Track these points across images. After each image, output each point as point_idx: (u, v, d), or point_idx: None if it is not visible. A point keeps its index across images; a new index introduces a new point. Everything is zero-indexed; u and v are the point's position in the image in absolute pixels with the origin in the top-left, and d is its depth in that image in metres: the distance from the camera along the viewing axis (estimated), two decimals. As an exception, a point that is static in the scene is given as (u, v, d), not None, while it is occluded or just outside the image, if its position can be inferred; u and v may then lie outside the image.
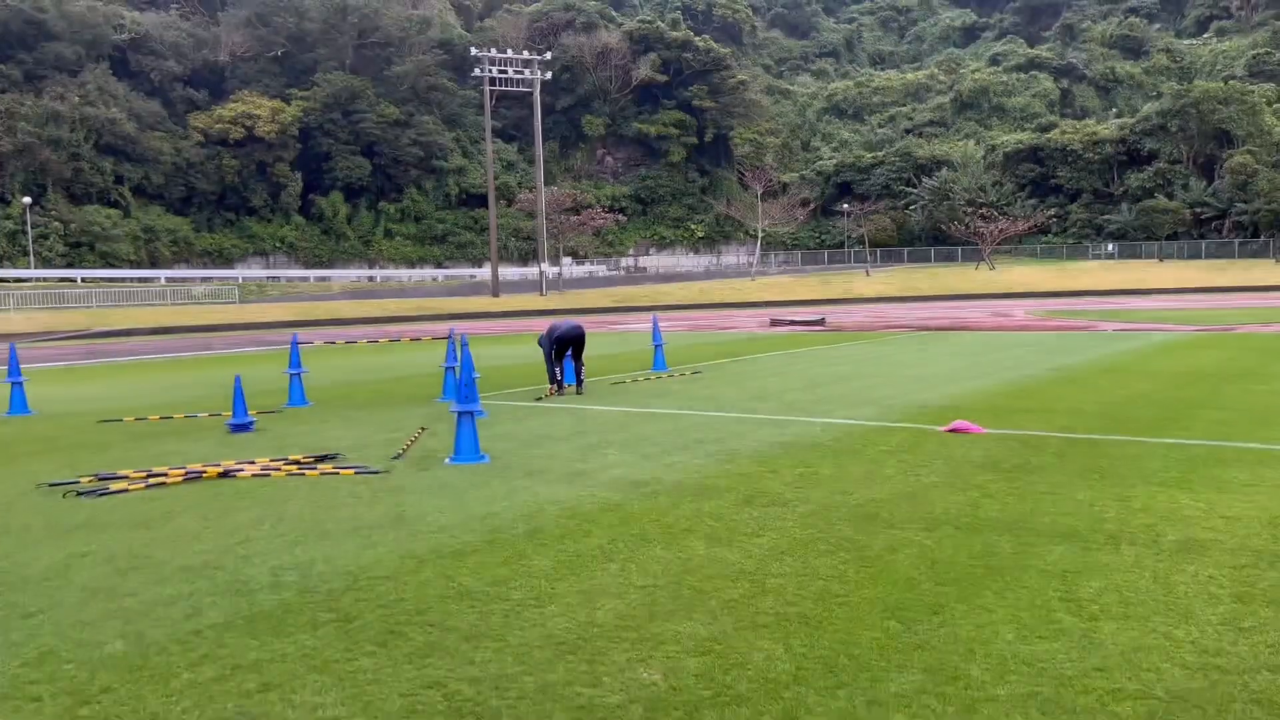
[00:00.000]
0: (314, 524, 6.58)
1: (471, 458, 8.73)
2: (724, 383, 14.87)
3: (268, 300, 52.88)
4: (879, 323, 33.42)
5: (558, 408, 12.44)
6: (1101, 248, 74.62)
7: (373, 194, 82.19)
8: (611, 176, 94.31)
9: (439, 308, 50.96)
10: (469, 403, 8.74)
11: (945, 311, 41.12)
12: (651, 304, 53.57)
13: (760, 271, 73.12)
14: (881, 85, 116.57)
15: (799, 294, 57.86)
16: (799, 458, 8.43)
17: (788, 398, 12.71)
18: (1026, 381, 13.96)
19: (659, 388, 14.47)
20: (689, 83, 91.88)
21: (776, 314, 42.91)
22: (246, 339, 34.49)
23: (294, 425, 11.57)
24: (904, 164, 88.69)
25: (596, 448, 9.28)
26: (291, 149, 76.51)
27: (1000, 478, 7.40)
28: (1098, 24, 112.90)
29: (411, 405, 13.25)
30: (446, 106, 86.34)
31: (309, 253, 78.29)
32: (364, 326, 42.89)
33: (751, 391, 13.57)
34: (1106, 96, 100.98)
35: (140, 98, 71.93)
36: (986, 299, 53.84)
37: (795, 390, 13.55)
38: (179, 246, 70.63)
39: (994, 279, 61.83)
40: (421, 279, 75.86)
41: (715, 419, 10.97)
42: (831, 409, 11.49)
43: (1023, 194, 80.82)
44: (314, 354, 23.82)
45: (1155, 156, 75.74)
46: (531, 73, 55.50)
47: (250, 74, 80.00)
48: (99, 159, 66.22)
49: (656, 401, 12.78)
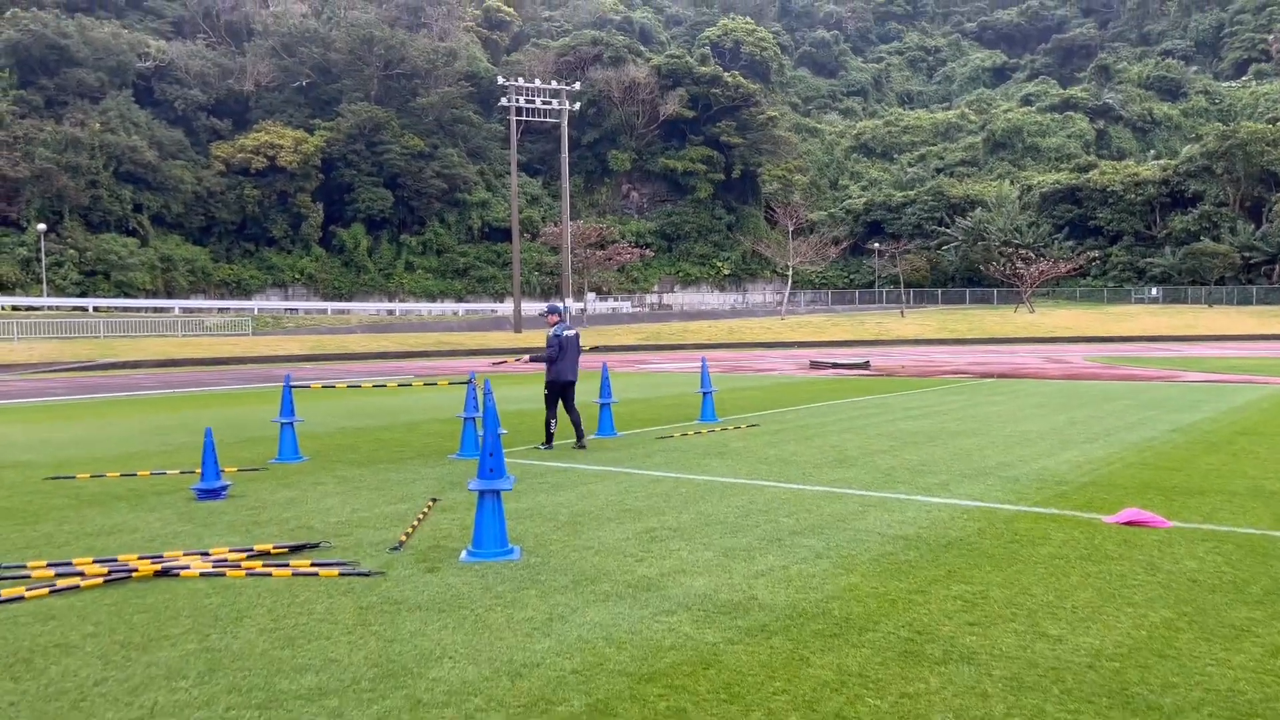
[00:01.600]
0: (262, 677, 4.39)
1: (496, 552, 6.53)
2: (791, 439, 12.63)
3: (282, 333, 51.11)
4: (929, 367, 31.08)
5: (595, 471, 10.22)
6: (1144, 291, 72.00)
7: (395, 226, 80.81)
8: (637, 212, 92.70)
9: (459, 343, 49.02)
10: (494, 478, 6.55)
11: (994, 357, 38.75)
12: (679, 342, 51.46)
13: (790, 310, 70.93)
14: (911, 124, 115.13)
15: (832, 334, 55.59)
16: (944, 564, 6.18)
17: (879, 463, 10.44)
18: (1154, 445, 11.64)
19: (715, 444, 12.24)
20: (717, 119, 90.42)
21: (814, 355, 40.68)
22: (255, 374, 32.54)
23: (277, 490, 9.40)
24: (936, 203, 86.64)
25: (657, 536, 7.06)
26: (314, 179, 75.33)
27: (1265, 612, 5.13)
28: (1133, 65, 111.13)
29: (423, 463, 11.08)
30: (471, 139, 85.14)
31: (329, 285, 76.80)
32: (379, 361, 40.95)
33: (829, 452, 11.32)
34: (1144, 138, 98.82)
35: (163, 126, 70.98)
36: (1032, 343, 51.37)
37: (882, 452, 11.29)
38: (196, 277, 69.24)
39: (1035, 322, 59.34)
40: (442, 313, 74.14)
41: (800, 494, 8.73)
42: (943, 481, 9.23)
43: (1060, 235, 78.44)
44: (318, 395, 21.75)
45: (1200, 199, 73.25)
46: (560, 103, 53.93)
47: (275, 104, 79.12)
48: (118, 187, 65.06)
49: (717, 464, 10.55)
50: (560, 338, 12.12)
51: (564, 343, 12.10)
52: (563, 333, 12.16)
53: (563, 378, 12.10)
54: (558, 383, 12.14)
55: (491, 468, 6.55)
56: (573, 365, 12.20)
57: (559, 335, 12.12)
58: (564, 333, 12.17)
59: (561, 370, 12.08)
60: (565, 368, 12.07)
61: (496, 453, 6.59)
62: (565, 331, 12.20)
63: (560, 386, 12.17)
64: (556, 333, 12.17)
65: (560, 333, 12.16)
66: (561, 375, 12.09)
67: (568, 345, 12.14)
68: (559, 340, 12.09)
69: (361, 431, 14.46)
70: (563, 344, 12.08)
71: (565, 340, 12.12)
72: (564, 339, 12.11)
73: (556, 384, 12.16)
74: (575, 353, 12.26)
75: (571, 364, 12.17)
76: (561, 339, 12.11)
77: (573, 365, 12.20)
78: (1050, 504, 8.11)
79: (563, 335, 12.14)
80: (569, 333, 12.26)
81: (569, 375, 12.12)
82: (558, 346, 12.08)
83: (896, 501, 8.30)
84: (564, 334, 12.15)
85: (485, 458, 6.59)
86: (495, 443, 6.60)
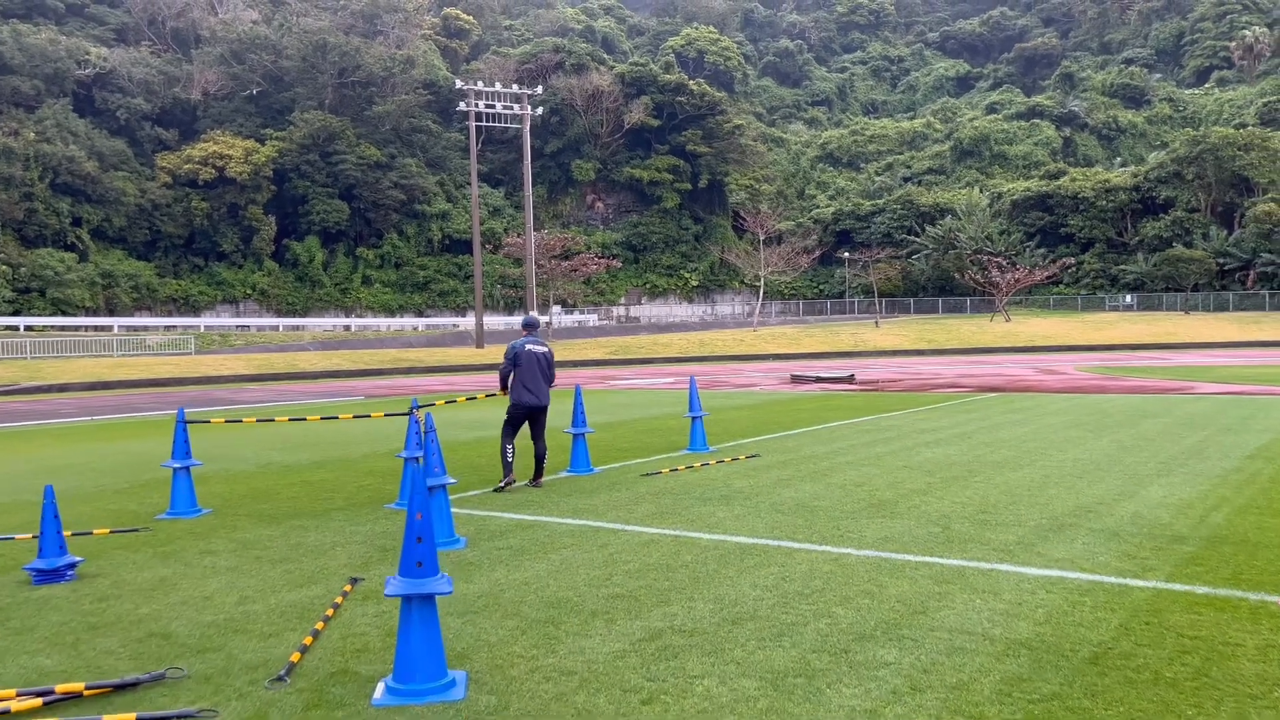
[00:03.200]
0: None
1: (428, 688, 4.31)
2: (803, 474, 10.49)
3: (228, 351, 48.27)
4: (918, 380, 29.17)
5: (571, 527, 8.01)
6: (1119, 299, 71.00)
7: (351, 239, 78.00)
8: (602, 223, 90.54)
9: (417, 359, 46.52)
10: (423, 577, 4.32)
11: (982, 368, 37.02)
12: (649, 356, 49.35)
13: (761, 322, 69.08)
14: (877, 134, 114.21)
15: (807, 346, 53.75)
16: (1110, 698, 4.04)
17: (927, 509, 8.33)
18: (1244, 478, 9.65)
19: (714, 483, 10.06)
20: (682, 127, 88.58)
21: (792, 367, 38.71)
22: (192, 397, 29.89)
23: (148, 564, 7.09)
24: (906, 211, 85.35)
25: (667, 647, 4.87)
26: (265, 191, 72.36)
27: None
28: (1097, 74, 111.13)
29: (352, 516, 8.80)
30: (430, 149, 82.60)
31: (282, 301, 73.77)
32: (331, 380, 38.36)
33: (857, 494, 9.19)
34: (1110, 145, 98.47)
35: (104, 136, 67.77)
36: (1012, 353, 49.85)
37: (921, 493, 9.18)
38: (141, 293, 65.98)
39: (1012, 331, 57.94)
40: (401, 328, 71.42)
41: (844, 562, 6.58)
42: (1021, 538, 7.12)
43: (1031, 243, 77.38)
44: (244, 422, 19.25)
45: (1172, 205, 72.48)
46: (521, 108, 51.64)
47: (224, 113, 76.14)
48: (55, 199, 61.77)
49: (723, 514, 8.38)
50: (516, 351, 10.08)
51: (520, 357, 10.05)
52: (522, 347, 10.12)
53: (521, 401, 10.03)
54: (518, 406, 10.07)
55: (420, 560, 4.33)
56: (536, 386, 10.08)
57: (514, 348, 10.11)
58: (524, 347, 10.12)
59: (518, 392, 10.04)
60: (522, 389, 10.02)
61: (428, 538, 4.35)
62: (526, 345, 10.15)
63: (521, 412, 10.09)
64: (514, 345, 10.16)
65: (518, 346, 10.13)
66: (519, 398, 10.03)
67: (525, 361, 10.06)
68: (513, 354, 10.07)
69: (288, 470, 12.10)
70: (517, 358, 10.04)
71: (522, 355, 10.06)
72: (519, 353, 10.06)
73: (515, 408, 10.08)
74: (539, 372, 10.14)
75: (534, 384, 10.06)
76: (517, 352, 10.07)
77: (536, 386, 10.08)
78: (1188, 576, 6.02)
79: (520, 349, 10.10)
80: (531, 348, 10.16)
81: (528, 398, 10.03)
82: (510, 362, 10.08)
83: (979, 573, 6.17)
84: (523, 348, 10.11)
85: (411, 545, 4.36)
86: (426, 524, 4.37)
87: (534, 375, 10.08)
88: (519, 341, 10.21)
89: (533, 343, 10.22)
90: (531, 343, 10.21)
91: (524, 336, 10.32)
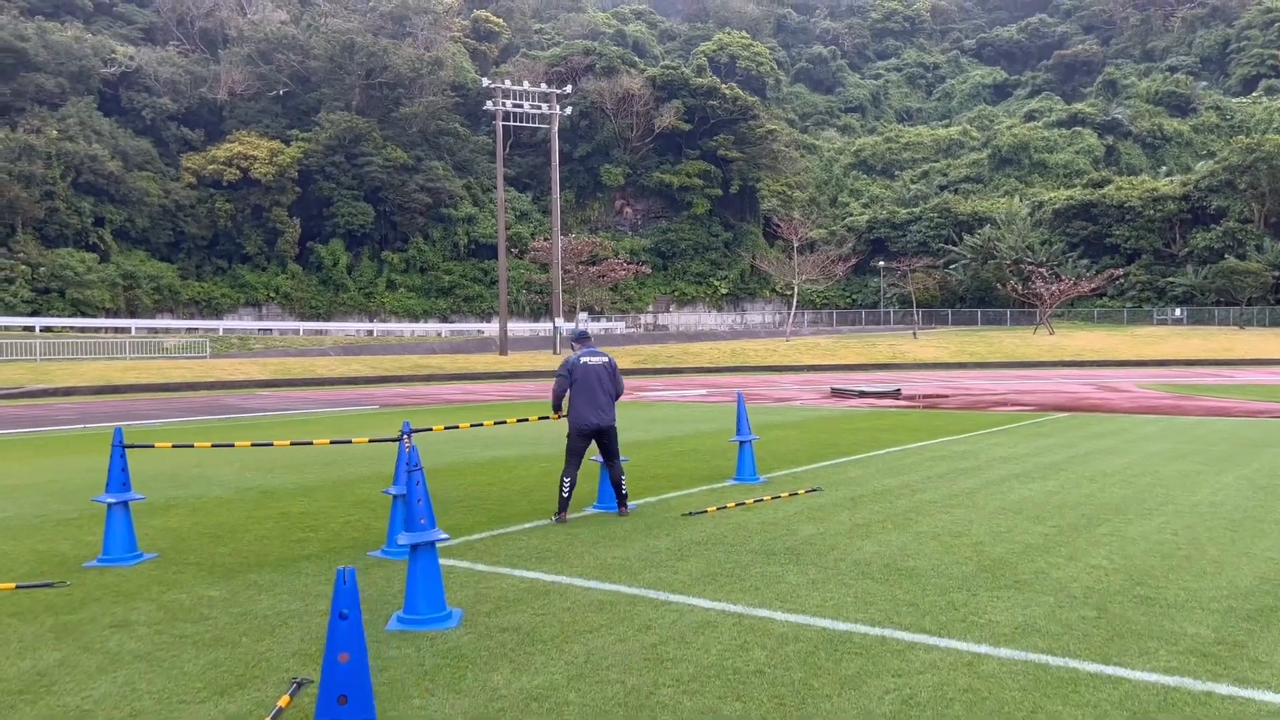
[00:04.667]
0: None
1: None
2: (881, 518, 8.60)
3: (246, 355, 46.89)
4: (968, 396, 27.11)
5: (597, 594, 6.16)
6: (1166, 312, 68.27)
7: (376, 242, 76.73)
8: (630, 229, 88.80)
9: (438, 366, 44.93)
10: None
11: (1034, 384, 34.85)
12: (679, 365, 47.51)
13: (794, 332, 67.00)
14: (911, 141, 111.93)
15: (842, 357, 51.70)
16: None
17: (1064, 579, 6.40)
18: None
19: (774, 529, 8.18)
20: (714, 132, 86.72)
21: (829, 379, 36.72)
22: (200, 403, 28.39)
23: (31, 646, 5.31)
24: (943, 220, 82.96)
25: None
26: (290, 193, 71.20)
27: None
28: (1141, 81, 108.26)
29: (324, 567, 7.01)
30: (458, 152, 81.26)
31: (305, 304, 72.56)
32: (347, 388, 36.82)
33: (956, 549, 7.28)
34: (1154, 154, 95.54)
35: (129, 135, 66.84)
36: (1061, 367, 47.53)
37: (1041, 549, 7.25)
38: (162, 295, 64.90)
39: (1057, 344, 55.52)
40: (425, 334, 69.98)
41: (981, 670, 4.68)
42: (1223, 637, 5.19)
43: (1074, 253, 74.76)
44: (237, 430, 17.55)
45: (1223, 215, 69.66)
46: (550, 108, 50.01)
47: (250, 114, 75.15)
48: (77, 198, 60.81)
49: (795, 577, 6.51)
50: (570, 366, 8.78)
51: (575, 372, 8.74)
52: (578, 361, 8.80)
53: (584, 423, 8.70)
54: (579, 430, 8.77)
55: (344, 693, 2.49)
56: (597, 404, 8.75)
57: (570, 364, 8.82)
58: (580, 360, 8.80)
59: (577, 412, 8.72)
60: (584, 406, 8.70)
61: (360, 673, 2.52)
62: (583, 358, 8.82)
63: (583, 436, 8.79)
64: (569, 360, 8.86)
65: (573, 361, 8.82)
66: (579, 419, 8.72)
67: (583, 376, 8.74)
68: (568, 370, 8.78)
69: (266, 498, 10.34)
70: (573, 373, 8.74)
71: (578, 369, 8.75)
72: (575, 367, 8.77)
73: (576, 432, 8.79)
74: (600, 387, 8.81)
75: (595, 402, 8.74)
76: (572, 367, 8.77)
77: (597, 404, 8.75)
78: None
79: (576, 363, 8.79)
80: (589, 360, 8.82)
81: (590, 419, 8.72)
82: (565, 379, 8.77)
83: (1191, 699, 4.25)
84: (578, 362, 8.79)
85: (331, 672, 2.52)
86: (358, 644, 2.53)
87: (595, 392, 8.76)
88: (574, 355, 8.87)
89: (590, 354, 8.84)
90: (589, 355, 8.83)
91: (580, 350, 8.95)
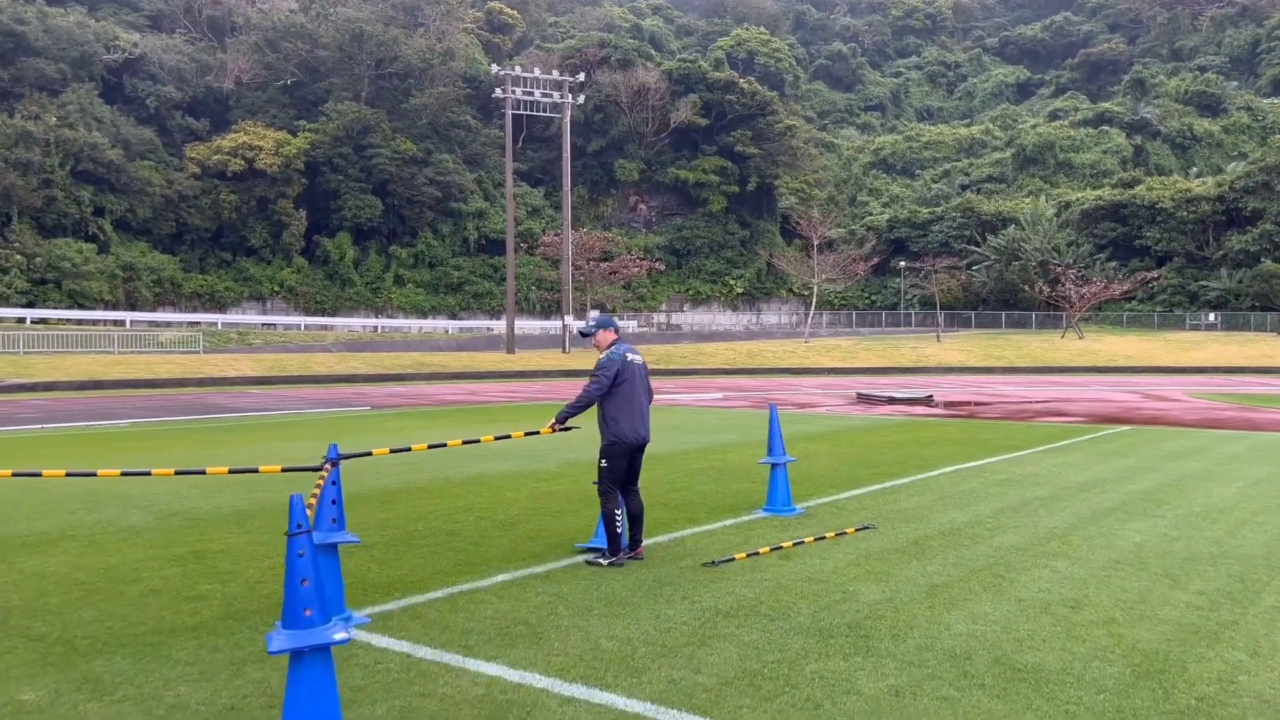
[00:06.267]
0: None
1: None
2: (963, 575, 6.57)
3: (242, 351, 45.13)
4: (1007, 404, 24.99)
5: (579, 708, 4.14)
6: (1200, 317, 65.81)
7: (384, 236, 74.94)
8: (644, 226, 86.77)
9: (441, 364, 43.05)
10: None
11: (1071, 391, 32.66)
12: (693, 367, 45.50)
13: (812, 333, 64.87)
14: (932, 140, 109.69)
15: (864, 360, 49.56)
16: None
17: (1261, 693, 4.38)
18: None
19: (823, 589, 6.15)
20: (731, 127, 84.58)
21: (852, 384, 34.63)
22: (183, 402, 26.55)
23: None
24: (966, 220, 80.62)
25: None
26: (296, 185, 69.42)
27: None
28: (1170, 80, 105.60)
29: (198, 652, 5.01)
30: (469, 145, 79.41)
31: (310, 299, 70.81)
32: (344, 386, 34.95)
33: (1084, 633, 5.26)
34: (1184, 155, 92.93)
35: (131, 124, 65.23)
36: (1094, 373, 45.28)
37: (1204, 634, 5.23)
38: (163, 288, 63.25)
39: (1088, 349, 53.24)
40: (432, 330, 68.17)
41: None
42: None
43: (1102, 255, 72.32)
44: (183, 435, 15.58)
45: (1260, 216, 67.08)
46: (561, 96, 48.08)
47: (257, 104, 73.51)
48: (76, 187, 59.18)
49: (870, 686, 4.50)
50: (618, 363, 6.56)
51: (623, 373, 6.56)
52: (622, 356, 6.60)
53: (633, 433, 6.54)
54: (623, 445, 6.54)
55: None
56: (643, 411, 6.65)
57: (615, 360, 6.57)
58: (625, 356, 6.62)
59: (628, 419, 6.52)
60: (634, 415, 6.55)
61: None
62: (628, 355, 6.66)
63: (627, 453, 6.59)
64: (612, 355, 6.61)
65: (618, 357, 6.59)
66: (623, 432, 6.52)
67: (630, 377, 6.59)
68: (614, 368, 6.53)
69: (190, 526, 8.36)
70: (619, 375, 6.55)
71: (625, 370, 6.58)
72: (625, 366, 6.58)
73: (621, 447, 6.55)
74: (646, 391, 6.76)
75: (641, 409, 6.63)
76: (620, 368, 6.55)
77: (643, 411, 6.65)
78: None
79: (621, 360, 6.58)
80: (634, 358, 6.69)
81: (641, 428, 6.60)
82: (609, 378, 6.51)
83: None
84: (624, 358, 6.61)
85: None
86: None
87: (641, 398, 6.65)
88: (618, 350, 6.61)
89: (631, 351, 6.71)
90: (631, 351, 6.71)
91: (616, 342, 6.74)
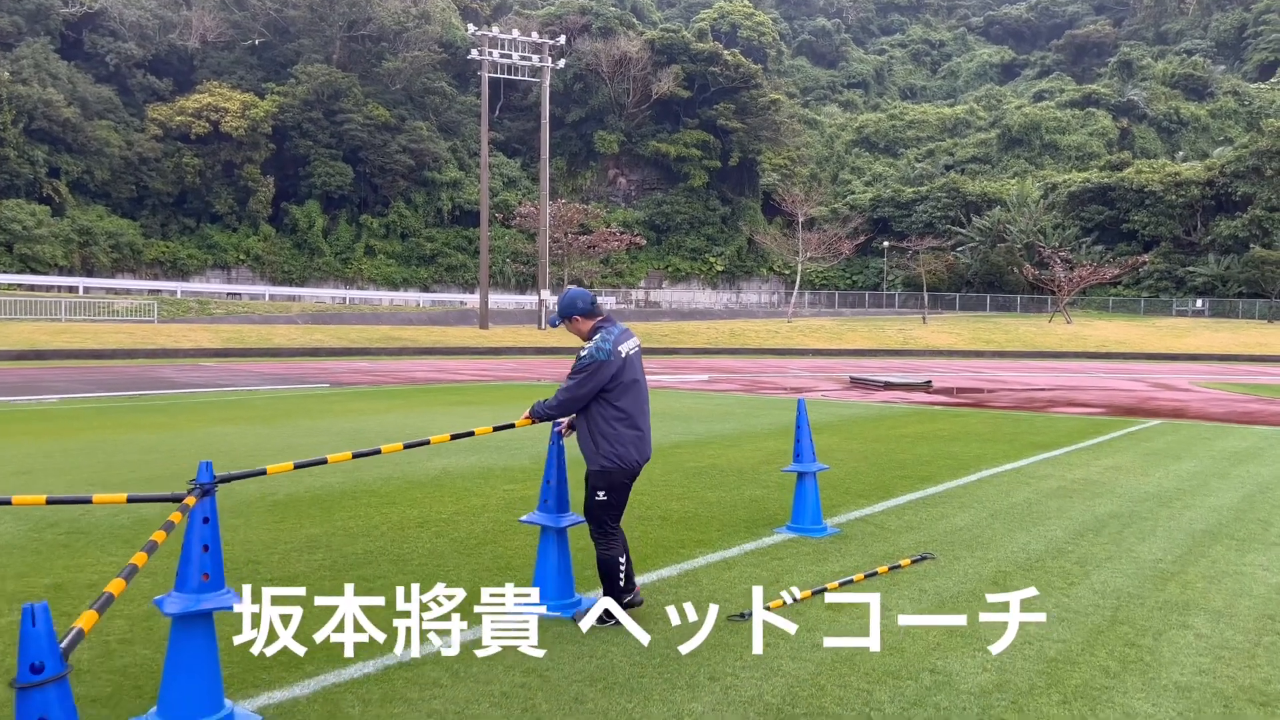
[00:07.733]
0: None
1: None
2: (1078, 635, 4.95)
3: (200, 321, 42.98)
4: (1012, 392, 23.53)
5: None
6: (1187, 303, 64.95)
7: (354, 205, 72.52)
8: (624, 200, 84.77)
9: (411, 339, 41.12)
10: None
11: (1071, 377, 31.31)
12: (674, 345, 43.84)
13: (794, 313, 63.36)
14: (916, 119, 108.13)
15: (850, 341, 48.12)
16: None
17: None
18: None
19: (896, 661, 4.48)
20: (714, 100, 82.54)
21: (841, 367, 33.13)
22: (126, 376, 24.54)
23: None
24: (951, 200, 79.28)
25: None
26: (264, 150, 66.85)
27: None
28: (1157, 63, 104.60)
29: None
30: (444, 113, 76.95)
31: (278, 268, 68.43)
32: (306, 360, 33.00)
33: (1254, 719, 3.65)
34: (1170, 138, 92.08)
35: (89, 81, 62.37)
36: (1086, 359, 44.08)
37: None
38: (122, 254, 60.69)
39: (1078, 334, 52.09)
40: (403, 303, 66.07)
41: None
42: None
43: (1088, 239, 71.26)
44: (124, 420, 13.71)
45: (1250, 201, 66.20)
46: (541, 59, 45.99)
47: (223, 64, 70.68)
48: (29, 146, 56.43)
49: None
50: (614, 362, 4.68)
51: (622, 370, 4.73)
52: (616, 348, 4.71)
53: (641, 455, 4.81)
54: (626, 469, 4.77)
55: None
56: (648, 417, 4.85)
57: (607, 347, 4.68)
58: (619, 346, 4.73)
59: (634, 436, 4.76)
60: (635, 432, 4.77)
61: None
62: (625, 343, 4.79)
63: (629, 479, 4.82)
64: (605, 340, 4.70)
65: (612, 344, 4.70)
66: (633, 451, 4.75)
67: (630, 372, 4.78)
68: (607, 369, 4.66)
69: (75, 534, 6.58)
70: (619, 374, 4.72)
71: (626, 364, 4.75)
72: (621, 362, 4.72)
73: (624, 472, 4.77)
74: (646, 392, 4.91)
75: (646, 415, 4.84)
76: (616, 364, 4.68)
77: (648, 417, 4.85)
78: None
79: (616, 348, 4.71)
80: (631, 345, 4.85)
81: (647, 446, 4.85)
82: (607, 373, 4.67)
83: None
84: (619, 349, 4.72)
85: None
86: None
87: (645, 399, 4.86)
88: (607, 339, 4.70)
89: (627, 337, 4.84)
90: (627, 336, 4.84)
91: (605, 323, 4.81)
